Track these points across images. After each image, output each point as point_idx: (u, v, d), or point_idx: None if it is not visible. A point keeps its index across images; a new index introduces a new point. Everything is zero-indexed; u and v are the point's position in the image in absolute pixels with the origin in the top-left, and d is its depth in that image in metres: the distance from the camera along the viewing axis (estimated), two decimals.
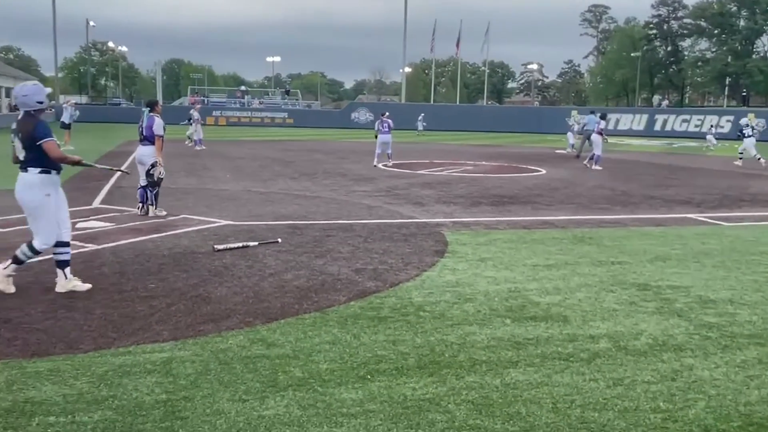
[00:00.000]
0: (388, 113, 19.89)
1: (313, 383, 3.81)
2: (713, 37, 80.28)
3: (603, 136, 19.59)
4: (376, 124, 19.44)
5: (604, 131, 19.67)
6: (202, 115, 31.07)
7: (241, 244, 7.45)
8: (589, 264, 7.01)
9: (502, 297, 5.69)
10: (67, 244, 5.60)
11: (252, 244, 7.52)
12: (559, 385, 3.88)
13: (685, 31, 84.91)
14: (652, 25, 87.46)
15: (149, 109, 9.79)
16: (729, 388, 3.87)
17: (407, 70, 67.43)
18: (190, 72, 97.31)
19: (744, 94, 73.08)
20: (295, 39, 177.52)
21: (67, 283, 5.50)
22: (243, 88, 67.62)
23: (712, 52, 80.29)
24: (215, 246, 7.33)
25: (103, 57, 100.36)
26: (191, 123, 25.31)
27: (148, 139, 9.46)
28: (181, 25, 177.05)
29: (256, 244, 7.54)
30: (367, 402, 3.58)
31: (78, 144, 22.75)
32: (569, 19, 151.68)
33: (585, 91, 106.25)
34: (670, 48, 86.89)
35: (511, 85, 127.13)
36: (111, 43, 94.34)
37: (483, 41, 66.13)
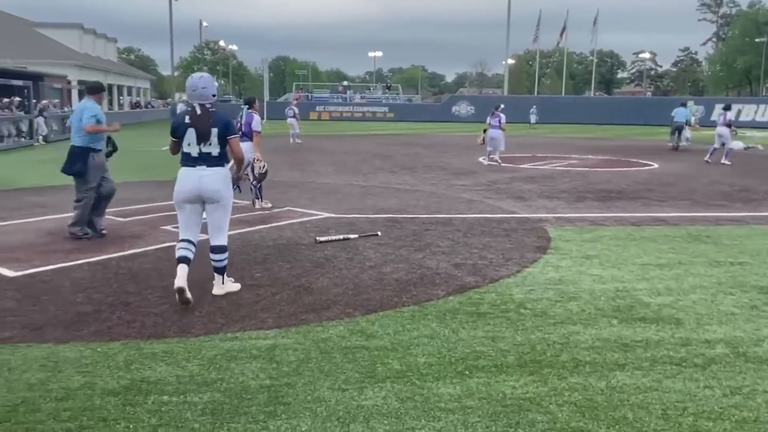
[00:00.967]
0: (502, 106, 18.24)
1: (411, 376, 3.82)
2: None
3: (731, 128, 18.29)
4: (488, 118, 18.01)
5: (729, 123, 18.21)
6: (305, 110, 32.00)
7: (342, 237, 7.59)
8: (705, 264, 6.58)
9: (608, 296, 5.45)
10: (225, 249, 5.36)
11: (352, 236, 7.64)
12: (670, 390, 3.66)
13: None
14: None
15: (248, 106, 10.15)
16: None
17: (510, 61, 66.15)
18: (295, 69, 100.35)
19: None
20: (397, 34, 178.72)
21: (225, 286, 5.39)
22: (345, 83, 68.89)
23: None
24: (317, 238, 7.51)
25: (215, 56, 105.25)
26: (293, 118, 26.37)
27: (247, 135, 9.75)
28: (286, 24, 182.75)
29: (357, 236, 7.65)
30: (465, 398, 3.54)
31: None
32: (685, 5, 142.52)
33: (702, 80, 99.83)
34: None
35: (621, 75, 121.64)
36: (222, 42, 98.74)
37: (591, 30, 63.68)
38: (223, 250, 5.32)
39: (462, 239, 7.67)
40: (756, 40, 70.67)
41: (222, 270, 5.36)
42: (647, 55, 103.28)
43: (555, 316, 4.93)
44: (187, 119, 5.06)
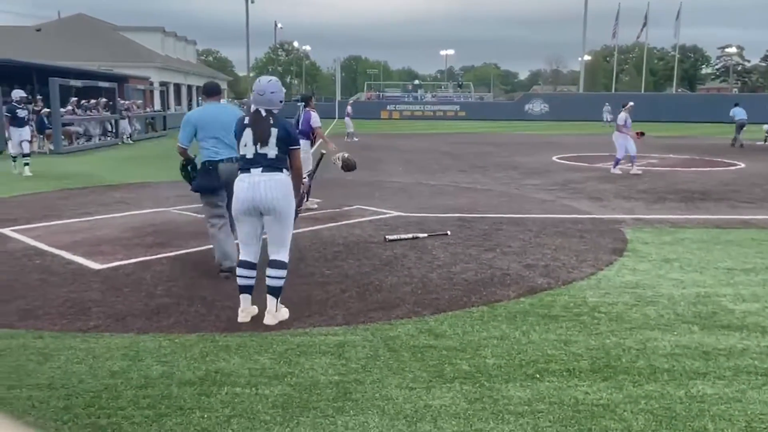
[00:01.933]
0: (632, 103, 15.24)
1: (479, 377, 3.77)
2: None
3: None
4: (622, 117, 14.85)
5: None
6: (376, 109, 32.65)
7: (411, 236, 7.59)
8: None
9: (689, 302, 5.22)
10: (284, 265, 4.75)
11: (422, 235, 7.63)
12: (755, 402, 3.47)
13: None
14: None
15: (304, 104, 10.32)
16: None
17: (587, 58, 64.39)
18: (366, 68, 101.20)
19: None
20: (469, 31, 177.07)
21: (278, 314, 4.73)
22: (416, 81, 68.89)
23: None
24: (386, 236, 7.53)
25: (289, 56, 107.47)
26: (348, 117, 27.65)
27: (303, 133, 9.83)
28: (358, 23, 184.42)
29: (426, 235, 7.64)
30: (536, 402, 3.47)
31: None
32: None
33: None
34: None
35: (705, 70, 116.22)
36: (296, 43, 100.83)
37: (673, 24, 61.12)
38: (282, 266, 4.69)
39: (534, 240, 7.52)
40: None
41: (278, 291, 4.69)
42: (734, 49, 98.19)
43: (631, 321, 4.75)
44: (246, 120, 4.71)
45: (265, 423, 3.23)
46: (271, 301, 4.68)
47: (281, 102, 4.69)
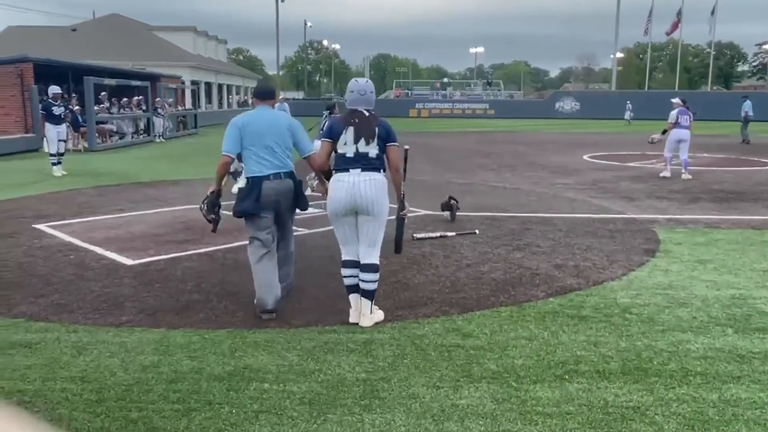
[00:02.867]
0: (685, 99, 13.90)
1: (507, 378, 3.74)
2: None
3: None
4: (674, 114, 13.36)
5: None
6: (405, 107, 32.49)
7: (439, 234, 7.57)
8: None
9: (723, 304, 5.11)
10: (377, 268, 4.70)
11: (450, 234, 7.60)
12: None
13: None
14: None
15: (329, 111, 10.41)
16: None
17: (619, 55, 63.43)
18: (395, 66, 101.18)
19: None
20: (499, 29, 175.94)
21: (373, 316, 4.70)
22: (445, 80, 68.65)
23: None
24: (414, 234, 7.52)
25: (318, 55, 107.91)
26: None
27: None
28: (387, 22, 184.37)
29: (454, 234, 7.61)
30: (564, 403, 3.43)
31: None
32: None
33: None
34: None
35: (741, 68, 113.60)
36: (325, 42, 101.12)
37: (708, 20, 59.85)
38: (375, 269, 4.65)
39: (563, 239, 7.44)
40: None
41: (372, 294, 4.65)
42: None
43: (663, 323, 4.67)
44: (343, 119, 4.63)
45: (293, 419, 3.25)
46: (365, 303, 4.67)
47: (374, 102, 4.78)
